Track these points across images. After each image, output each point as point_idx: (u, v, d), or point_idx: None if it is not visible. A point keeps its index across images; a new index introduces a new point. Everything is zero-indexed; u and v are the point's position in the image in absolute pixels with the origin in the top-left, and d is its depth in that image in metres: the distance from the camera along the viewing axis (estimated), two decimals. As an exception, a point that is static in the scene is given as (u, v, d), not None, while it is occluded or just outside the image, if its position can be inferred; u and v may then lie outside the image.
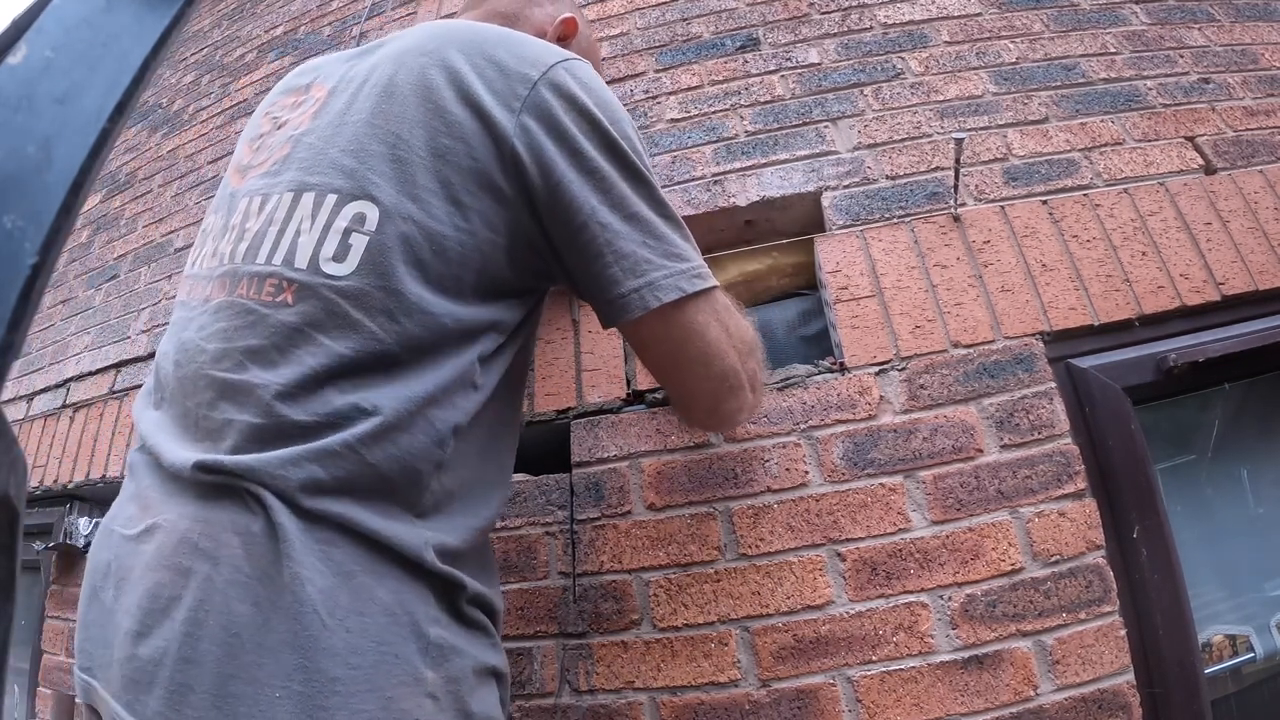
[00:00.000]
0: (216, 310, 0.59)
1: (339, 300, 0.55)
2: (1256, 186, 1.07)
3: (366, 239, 0.56)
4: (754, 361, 0.73)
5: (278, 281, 0.56)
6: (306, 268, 0.56)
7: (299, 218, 0.58)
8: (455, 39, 0.64)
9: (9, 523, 0.26)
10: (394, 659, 0.50)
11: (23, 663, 1.51)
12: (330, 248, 0.56)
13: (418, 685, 0.51)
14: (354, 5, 1.88)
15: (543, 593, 0.96)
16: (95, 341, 1.70)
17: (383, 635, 0.50)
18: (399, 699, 0.50)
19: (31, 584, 1.54)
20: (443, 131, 0.59)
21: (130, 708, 0.49)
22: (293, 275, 0.56)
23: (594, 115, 0.62)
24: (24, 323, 0.26)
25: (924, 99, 1.21)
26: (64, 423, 1.62)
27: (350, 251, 0.56)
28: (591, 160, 0.61)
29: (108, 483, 1.46)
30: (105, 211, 2.02)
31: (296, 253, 0.57)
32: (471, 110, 0.59)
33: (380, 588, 0.52)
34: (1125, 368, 0.96)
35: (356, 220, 0.57)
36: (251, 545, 0.50)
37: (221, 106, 1.95)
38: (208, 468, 0.52)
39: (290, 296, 0.56)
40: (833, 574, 0.89)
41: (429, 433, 0.56)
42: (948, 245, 1.06)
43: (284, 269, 0.57)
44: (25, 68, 0.29)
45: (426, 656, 0.52)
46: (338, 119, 0.62)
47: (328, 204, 0.58)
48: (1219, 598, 1.01)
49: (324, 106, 0.65)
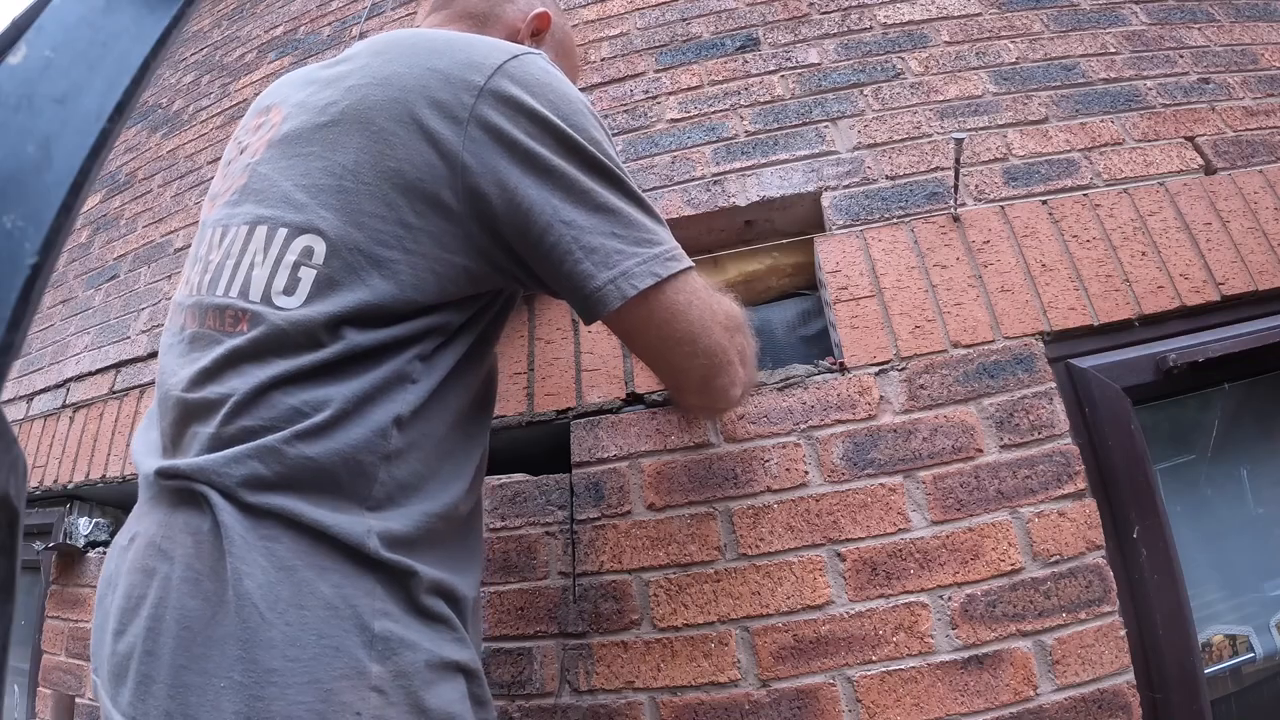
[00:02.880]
0: (189, 340, 0.63)
1: (287, 329, 0.57)
2: (1256, 186, 1.07)
3: (314, 272, 0.58)
4: (741, 337, 0.73)
5: (235, 313, 0.60)
6: (259, 300, 0.59)
7: (253, 250, 0.61)
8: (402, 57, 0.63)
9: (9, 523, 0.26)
10: (334, 651, 0.51)
11: (23, 663, 1.51)
12: (281, 281, 0.59)
13: (360, 678, 0.51)
14: (354, 5, 1.88)
15: (543, 593, 0.96)
16: (95, 341, 1.70)
17: (323, 628, 0.51)
18: (339, 691, 0.50)
19: (31, 584, 1.54)
20: (388, 154, 0.59)
21: (113, 700, 0.53)
22: (246, 306, 0.59)
23: (542, 114, 0.61)
24: (24, 323, 0.26)
25: (924, 99, 1.21)
26: (64, 423, 1.62)
27: (300, 284, 0.58)
28: (546, 161, 0.61)
29: (107, 483, 1.46)
30: (105, 211, 2.02)
31: (250, 286, 0.60)
32: (416, 129, 0.59)
33: (322, 581, 0.53)
34: (1125, 368, 0.96)
35: (305, 254, 0.59)
36: (201, 543, 0.53)
37: (221, 107, 1.95)
38: (165, 473, 0.57)
39: (245, 325, 0.59)
40: (832, 574, 0.89)
41: (367, 425, 0.57)
42: (947, 245, 1.06)
43: (239, 300, 0.60)
44: (25, 68, 0.29)
45: (371, 650, 0.52)
46: (289, 149, 0.64)
47: (279, 238, 0.60)
48: (1219, 598, 1.01)
49: (277, 134, 0.66)
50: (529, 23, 0.86)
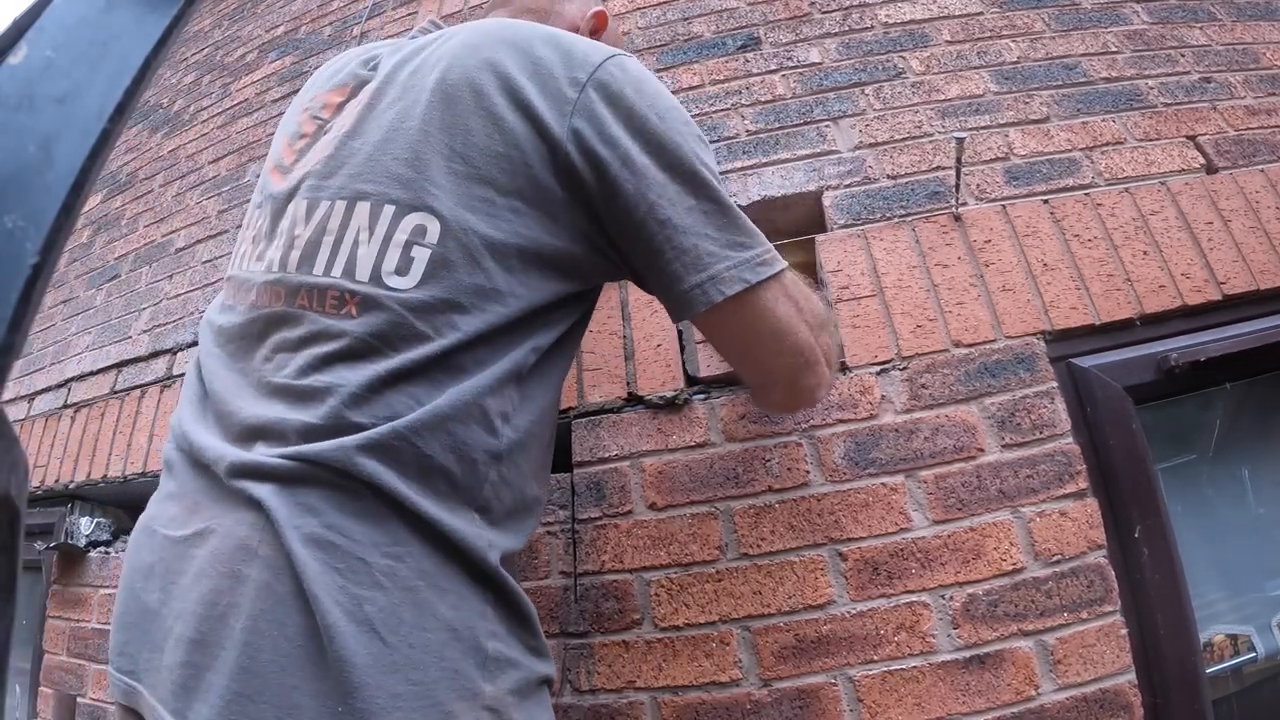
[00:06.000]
0: (271, 319, 0.59)
1: (404, 312, 0.55)
2: (1258, 186, 1.07)
3: (429, 252, 0.56)
4: (827, 336, 0.73)
5: (339, 294, 0.56)
6: (369, 280, 0.56)
7: (355, 227, 0.58)
8: (503, 41, 0.63)
9: (10, 522, 0.26)
10: (453, 674, 0.51)
11: (24, 662, 1.51)
12: (392, 261, 0.56)
13: (475, 699, 0.51)
14: (354, 5, 1.88)
15: (544, 592, 0.96)
16: (96, 341, 1.70)
17: (443, 650, 0.51)
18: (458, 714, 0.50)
19: (33, 584, 1.54)
20: (497, 139, 0.58)
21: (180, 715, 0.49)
22: (354, 288, 0.56)
23: (642, 113, 0.61)
24: (25, 323, 0.26)
25: (925, 98, 1.21)
26: (65, 422, 1.62)
27: (413, 265, 0.56)
28: (644, 159, 0.61)
29: (109, 482, 1.46)
30: (106, 211, 2.02)
31: (357, 265, 0.57)
32: (524, 116, 0.59)
33: (442, 603, 0.52)
34: (1126, 367, 0.96)
35: (417, 233, 0.56)
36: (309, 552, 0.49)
37: (222, 107, 1.95)
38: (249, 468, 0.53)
39: (354, 309, 0.56)
40: (834, 574, 0.89)
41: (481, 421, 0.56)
42: (949, 245, 1.06)
43: (344, 280, 0.57)
44: (26, 68, 0.29)
45: (484, 670, 0.53)
46: (390, 125, 0.61)
47: (385, 215, 0.57)
48: (1220, 597, 1.01)
49: (370, 108, 0.64)
50: (588, 20, 0.86)
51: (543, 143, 0.59)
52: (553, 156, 0.59)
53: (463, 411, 0.55)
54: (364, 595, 0.49)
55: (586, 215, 0.62)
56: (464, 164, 0.58)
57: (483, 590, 0.55)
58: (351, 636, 0.47)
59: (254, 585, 0.49)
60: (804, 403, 0.77)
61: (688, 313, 0.63)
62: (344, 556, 0.50)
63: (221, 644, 0.48)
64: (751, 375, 0.76)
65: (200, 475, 0.57)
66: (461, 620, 0.53)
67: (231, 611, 0.49)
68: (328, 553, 0.49)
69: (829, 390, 0.77)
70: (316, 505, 0.51)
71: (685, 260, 0.62)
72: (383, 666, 0.48)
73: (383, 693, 0.47)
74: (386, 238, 0.57)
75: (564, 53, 0.62)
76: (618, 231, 0.62)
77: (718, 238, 0.62)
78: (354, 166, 0.61)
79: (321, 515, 0.50)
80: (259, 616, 0.48)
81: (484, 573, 0.55)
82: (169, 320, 1.58)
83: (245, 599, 0.49)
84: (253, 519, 0.51)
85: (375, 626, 0.49)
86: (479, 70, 0.60)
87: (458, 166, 0.58)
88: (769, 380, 0.73)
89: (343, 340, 0.55)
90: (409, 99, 0.62)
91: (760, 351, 0.68)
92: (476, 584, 0.55)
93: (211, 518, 0.54)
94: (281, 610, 0.48)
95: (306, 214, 0.61)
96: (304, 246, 0.60)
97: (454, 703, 0.50)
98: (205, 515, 0.54)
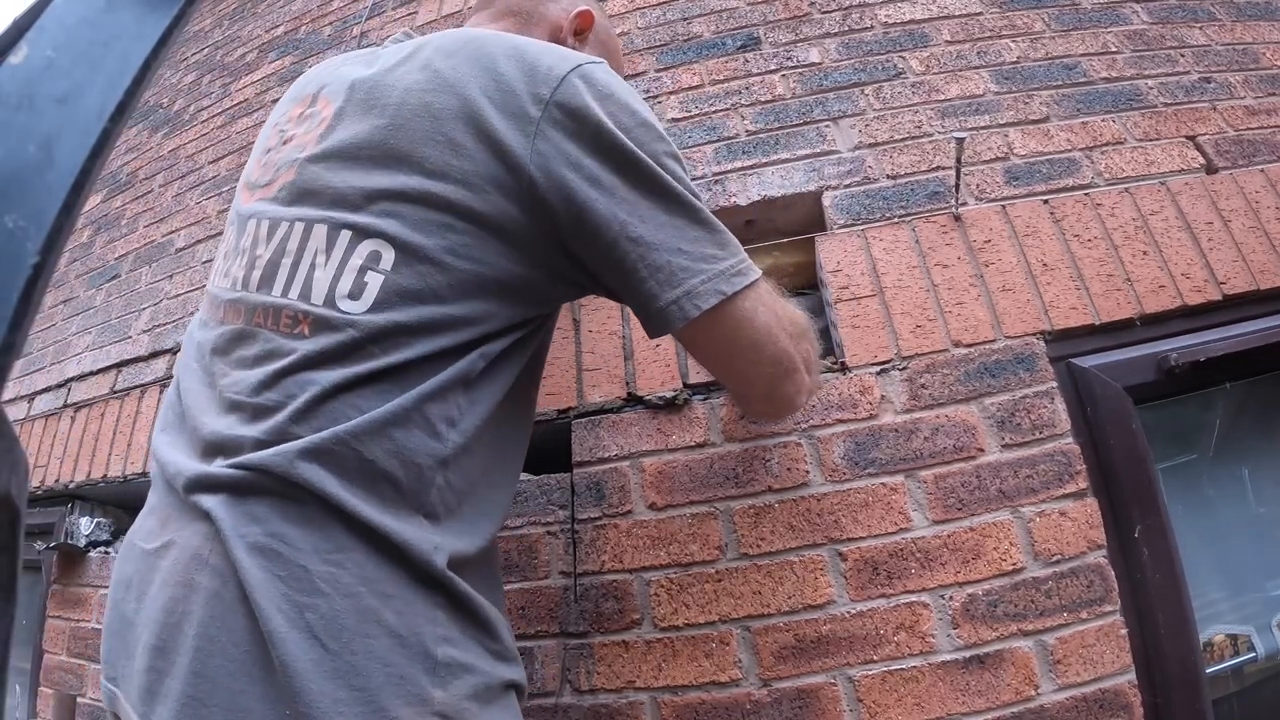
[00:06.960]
0: (233, 336, 0.61)
1: (355, 334, 0.56)
2: (1258, 186, 1.07)
3: (382, 278, 0.56)
4: (807, 343, 0.73)
5: (294, 314, 0.57)
6: (323, 304, 0.57)
7: (313, 249, 0.59)
8: (468, 59, 0.62)
9: (10, 522, 0.26)
10: (399, 680, 0.50)
11: (24, 662, 1.51)
12: (346, 285, 0.57)
13: (424, 705, 0.51)
14: (354, 5, 1.88)
15: (544, 592, 0.96)
16: (96, 341, 1.70)
17: (388, 656, 0.51)
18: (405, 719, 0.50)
19: (33, 584, 1.54)
20: (454, 165, 0.58)
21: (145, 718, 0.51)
22: (308, 309, 0.57)
23: (609, 128, 0.60)
24: (25, 322, 0.26)
25: (925, 98, 1.21)
26: (65, 422, 1.62)
27: (365, 289, 0.56)
28: (612, 176, 0.60)
29: (109, 482, 1.46)
30: (106, 211, 2.02)
31: (313, 288, 0.58)
32: (483, 139, 0.58)
33: (386, 609, 0.52)
34: (1126, 367, 0.96)
35: (372, 259, 0.57)
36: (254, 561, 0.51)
37: (222, 106, 1.95)
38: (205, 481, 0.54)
39: (306, 329, 0.57)
40: (834, 573, 0.89)
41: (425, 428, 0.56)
42: (949, 245, 1.06)
43: (299, 302, 0.58)
44: (26, 67, 0.29)
45: (434, 676, 0.52)
46: (348, 147, 0.61)
47: (342, 239, 0.58)
48: (1220, 597, 1.01)
49: (331, 128, 0.64)
50: (572, 21, 0.84)
51: (504, 167, 0.58)
52: (515, 181, 0.58)
53: (403, 417, 0.55)
54: (305, 602, 0.50)
55: (551, 240, 0.61)
56: (421, 187, 0.58)
57: (431, 594, 0.55)
58: (294, 643, 0.48)
59: (204, 593, 0.51)
60: (785, 410, 0.77)
61: (665, 330, 0.63)
62: (286, 564, 0.50)
63: (178, 650, 0.50)
64: (732, 384, 0.76)
65: (170, 491, 0.59)
66: (407, 626, 0.52)
67: (186, 619, 0.51)
68: (271, 560, 0.50)
69: (810, 396, 0.77)
70: (261, 514, 0.52)
71: (660, 277, 0.61)
72: (324, 673, 0.48)
73: (325, 698, 0.48)
74: (342, 262, 0.57)
75: (528, 68, 0.60)
76: (589, 253, 0.62)
77: (691, 251, 0.62)
78: (312, 190, 0.61)
79: (265, 523, 0.51)
80: (209, 623, 0.50)
81: (431, 576, 0.54)
82: (169, 320, 1.58)
83: (197, 606, 0.51)
84: (205, 530, 0.53)
85: (316, 633, 0.49)
86: (439, 93, 0.60)
87: (414, 188, 0.58)
88: (749, 390, 0.73)
89: (293, 356, 0.56)
90: (368, 122, 0.61)
91: (740, 361, 0.68)
92: (424, 589, 0.54)
93: (175, 531, 0.56)
94: (230, 617, 0.50)
95: (268, 234, 0.62)
96: (264, 267, 0.61)
97: (400, 709, 0.50)
98: (171, 529, 0.56)
